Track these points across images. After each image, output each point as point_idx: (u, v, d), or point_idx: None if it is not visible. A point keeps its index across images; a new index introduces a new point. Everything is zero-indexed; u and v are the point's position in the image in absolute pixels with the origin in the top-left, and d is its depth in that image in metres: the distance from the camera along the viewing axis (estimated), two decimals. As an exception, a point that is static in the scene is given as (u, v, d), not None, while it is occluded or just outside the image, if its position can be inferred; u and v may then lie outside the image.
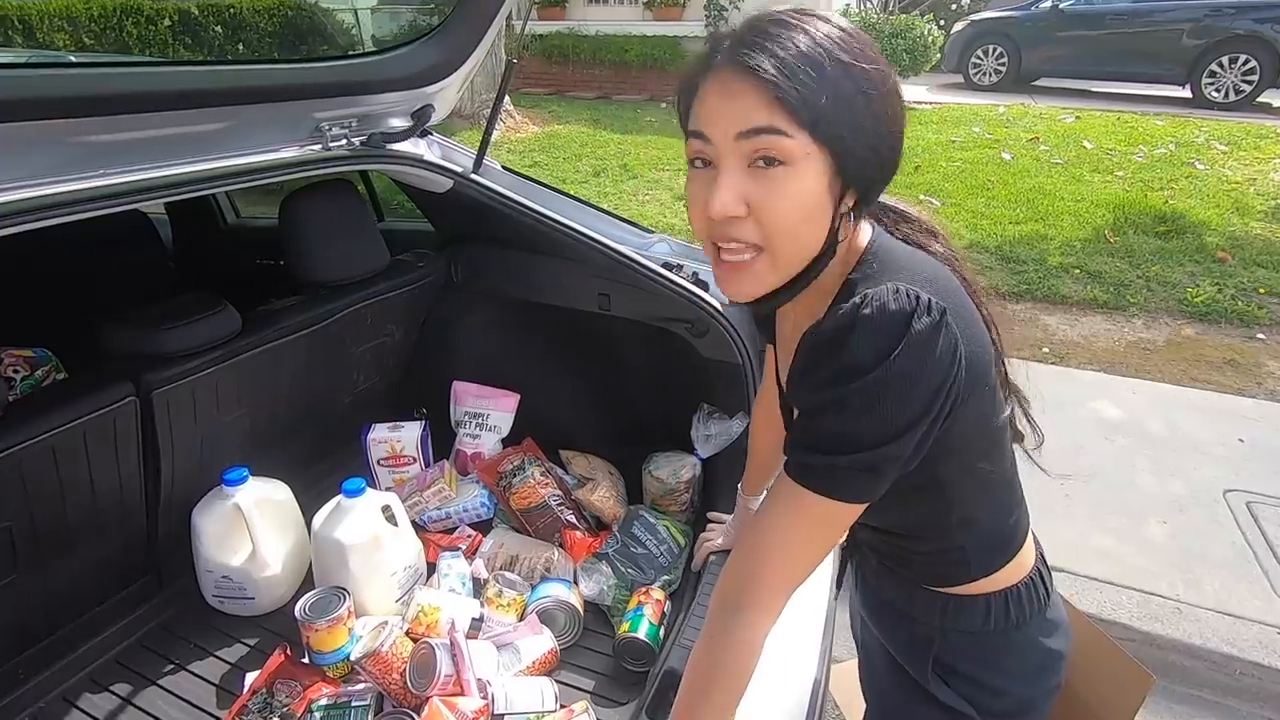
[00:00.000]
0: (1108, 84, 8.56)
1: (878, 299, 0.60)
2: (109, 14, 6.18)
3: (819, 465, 0.63)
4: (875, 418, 0.60)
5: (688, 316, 1.44)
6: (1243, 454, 2.61)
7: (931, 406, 0.61)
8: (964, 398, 0.63)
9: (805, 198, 0.61)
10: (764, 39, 0.60)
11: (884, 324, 0.59)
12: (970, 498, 0.75)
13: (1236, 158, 5.66)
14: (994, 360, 0.70)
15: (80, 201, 0.95)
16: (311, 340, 1.42)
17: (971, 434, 0.69)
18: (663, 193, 5.42)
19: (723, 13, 8.79)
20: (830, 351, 0.61)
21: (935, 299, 0.61)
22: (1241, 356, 3.27)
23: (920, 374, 0.59)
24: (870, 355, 0.59)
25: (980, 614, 0.79)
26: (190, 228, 2.30)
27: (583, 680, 1.21)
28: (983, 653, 0.81)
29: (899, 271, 0.65)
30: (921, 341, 0.59)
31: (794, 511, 0.66)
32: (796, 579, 0.68)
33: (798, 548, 0.66)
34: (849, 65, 0.60)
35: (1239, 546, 2.17)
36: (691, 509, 1.53)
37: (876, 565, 0.88)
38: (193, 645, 1.29)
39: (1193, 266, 4.00)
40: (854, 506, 0.65)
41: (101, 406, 1.11)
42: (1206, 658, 1.90)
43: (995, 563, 0.79)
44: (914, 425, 0.61)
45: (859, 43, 0.62)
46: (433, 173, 1.47)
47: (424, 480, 1.56)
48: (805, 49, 0.59)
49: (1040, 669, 0.82)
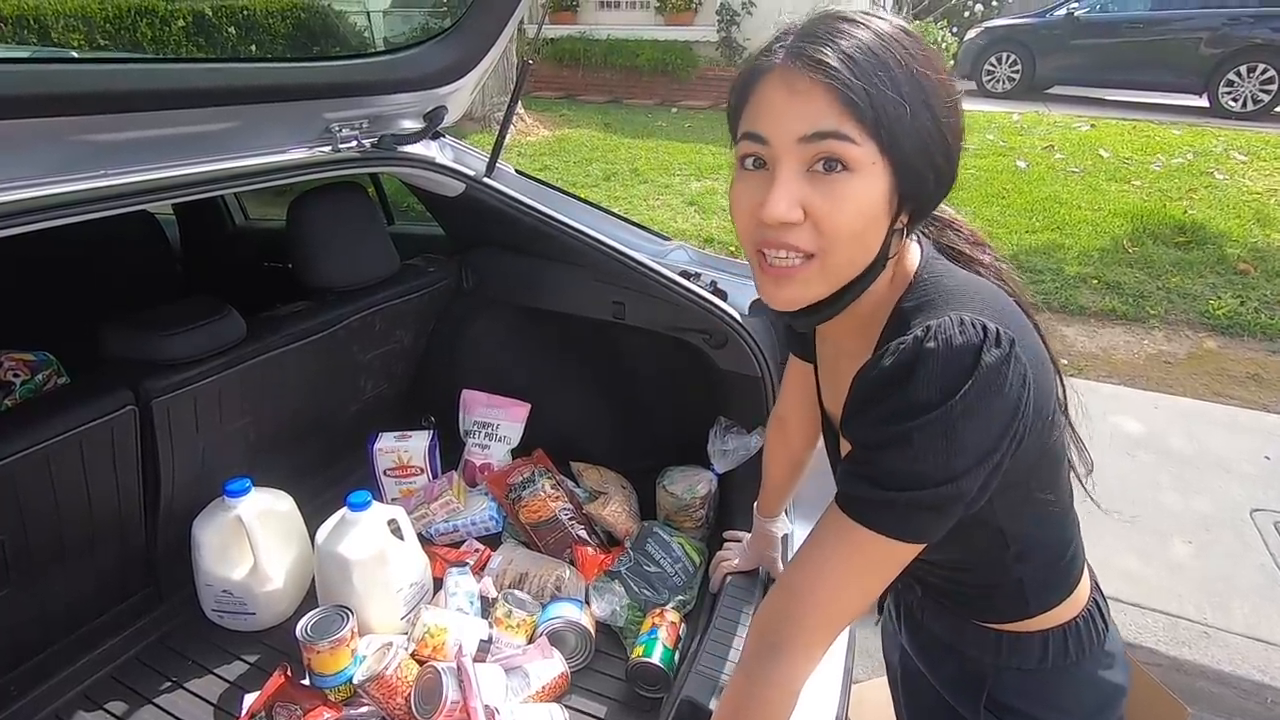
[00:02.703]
0: (1123, 92, 8.48)
1: (944, 331, 0.56)
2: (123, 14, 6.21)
3: (877, 500, 0.59)
4: (942, 455, 0.56)
5: (705, 327, 1.40)
6: (1270, 472, 2.55)
7: (1001, 442, 0.57)
8: (1031, 428, 0.59)
9: (866, 207, 0.57)
10: (834, 36, 0.56)
11: (951, 358, 0.55)
12: (1029, 530, 0.70)
13: (1256, 168, 5.58)
14: (1055, 383, 0.66)
15: (84, 202, 0.92)
16: (318, 347, 1.38)
17: (1034, 464, 0.64)
18: (673, 197, 5.38)
19: (734, 18, 8.76)
20: (894, 386, 0.57)
21: (1003, 329, 0.56)
22: (1266, 371, 3.20)
23: (990, 409, 0.56)
24: (938, 391, 0.55)
25: (1037, 651, 0.74)
26: (197, 229, 2.26)
27: (594, 706, 1.16)
28: (1040, 691, 0.76)
29: (958, 298, 0.61)
30: (991, 375, 0.55)
31: (846, 547, 0.61)
32: (843, 621, 0.63)
33: (847, 587, 0.62)
34: (919, 74, 0.57)
35: (1268, 569, 2.11)
36: (707, 526, 1.48)
37: (923, 596, 0.83)
38: (191, 662, 1.25)
39: (1214, 278, 3.93)
40: (912, 546, 0.60)
41: (99, 415, 1.07)
42: (1237, 685, 1.83)
43: (1054, 598, 0.74)
44: (982, 462, 0.56)
45: (926, 51, 0.58)
46: (445, 176, 1.43)
47: (431, 492, 1.52)
48: (878, 51, 0.56)
49: (1100, 706, 0.77)
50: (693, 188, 5.58)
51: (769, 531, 1.19)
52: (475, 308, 1.72)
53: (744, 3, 8.68)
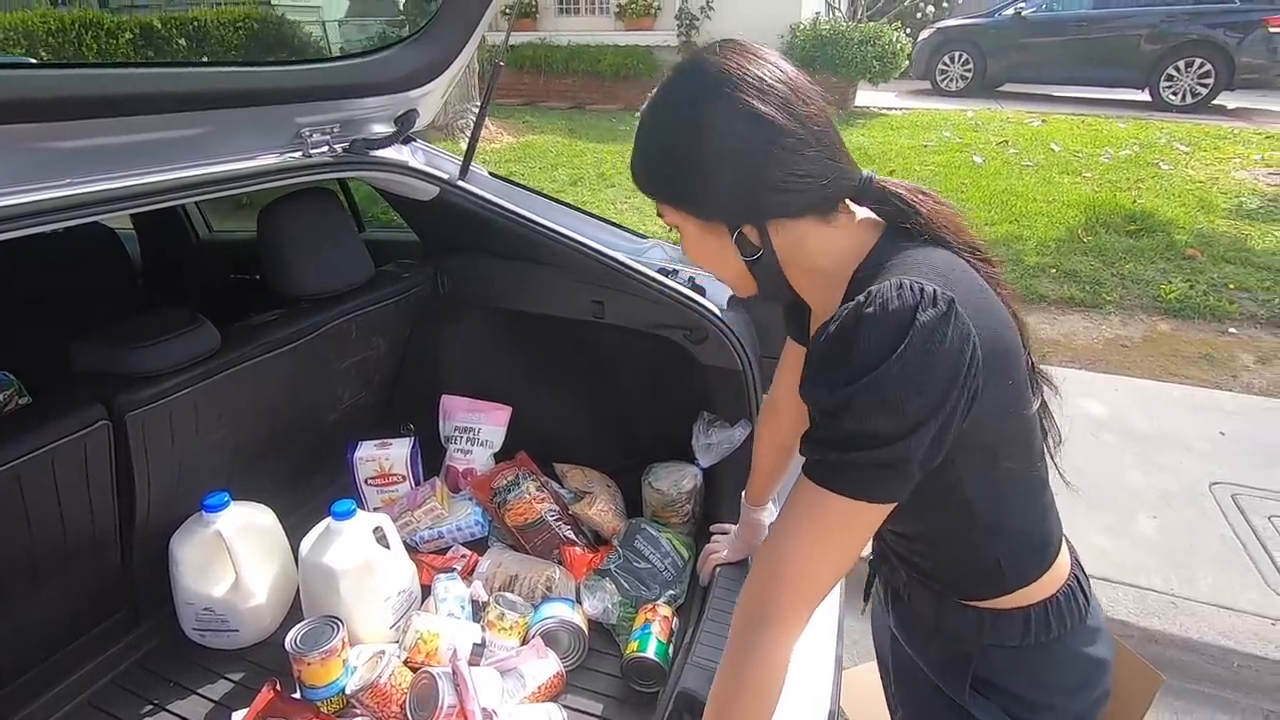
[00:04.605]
0: (1071, 89, 8.77)
1: (881, 295, 0.60)
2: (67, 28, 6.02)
3: (834, 463, 0.62)
4: (888, 413, 0.59)
5: (685, 323, 1.41)
6: (1225, 447, 2.65)
7: (946, 399, 0.59)
8: (982, 390, 0.62)
9: (699, 245, 0.75)
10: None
11: (888, 319, 0.59)
12: (997, 500, 0.72)
13: (1198, 157, 5.82)
14: (1019, 352, 0.68)
15: (43, 212, 0.89)
16: (294, 356, 1.35)
17: (992, 430, 0.67)
18: (641, 200, 5.39)
19: (694, 22, 8.84)
20: (838, 350, 0.61)
21: (941, 290, 0.59)
22: (1216, 350, 3.33)
23: (930, 366, 0.59)
24: (877, 351, 0.59)
25: (1019, 628, 0.76)
26: (159, 243, 2.21)
27: (591, 704, 1.16)
28: (1024, 667, 0.77)
29: (904, 266, 0.64)
30: (928, 333, 0.58)
31: (813, 513, 0.63)
32: (819, 587, 0.65)
33: (819, 552, 0.64)
34: (656, 124, 0.71)
35: (1228, 539, 2.19)
36: (694, 520, 1.49)
37: (906, 578, 0.85)
38: (172, 683, 1.21)
39: (1164, 263, 4.08)
40: (875, 507, 0.63)
41: (71, 431, 1.03)
42: (1204, 651, 1.90)
43: (1032, 572, 0.76)
44: (929, 419, 0.59)
45: (674, 83, 0.70)
46: (418, 180, 1.42)
47: (414, 499, 1.50)
48: (640, 129, 0.72)
49: (1084, 681, 0.79)
50: (660, 190, 5.61)
51: (757, 520, 1.20)
52: (452, 312, 1.71)
53: (703, 7, 8.77)
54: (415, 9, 1.38)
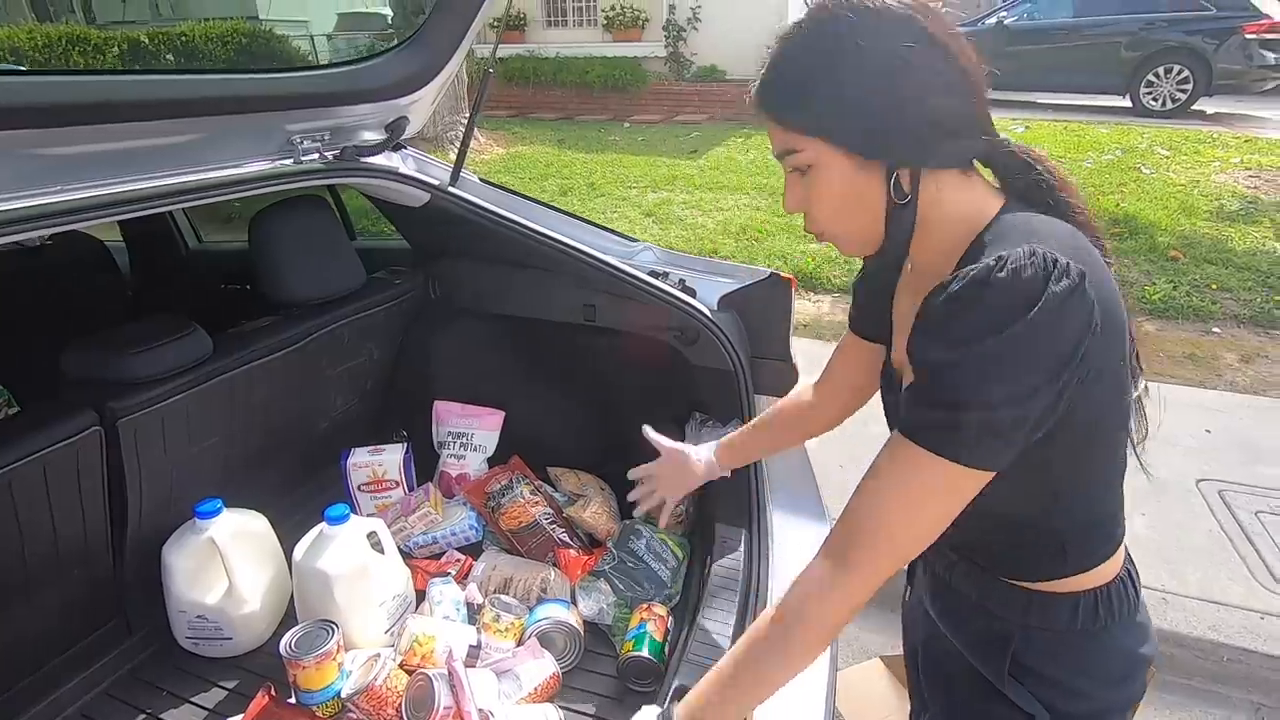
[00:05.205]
0: (1053, 95, 8.89)
1: (1015, 261, 0.58)
2: (54, 43, 6.01)
3: (944, 423, 0.60)
4: (1004, 377, 0.58)
5: (676, 324, 1.42)
6: (1211, 444, 2.68)
7: (1063, 371, 0.58)
8: (1097, 368, 0.61)
9: (837, 190, 0.68)
10: (766, 64, 0.68)
11: (1020, 285, 0.57)
12: (1083, 483, 0.70)
13: (1178, 161, 5.90)
14: (1126, 335, 0.66)
15: (35, 218, 0.89)
16: (287, 362, 1.35)
17: (1097, 411, 0.65)
18: (631, 209, 5.43)
19: (681, 33, 8.93)
20: (963, 307, 0.59)
21: (1074, 263, 0.58)
22: (1200, 350, 3.37)
23: (1054, 337, 0.57)
24: (1005, 315, 0.57)
25: (1066, 614, 0.73)
26: (149, 254, 2.20)
27: (587, 705, 1.16)
28: (1066, 655, 0.75)
29: (1035, 234, 0.62)
30: (1058, 304, 0.57)
31: (914, 475, 0.62)
32: (912, 548, 0.65)
33: (916, 515, 0.63)
34: (819, 49, 0.65)
35: (1216, 534, 2.22)
36: (687, 521, 1.49)
37: (955, 560, 0.82)
38: (166, 693, 1.21)
39: (1148, 265, 4.13)
40: (974, 474, 0.61)
41: (63, 438, 1.03)
42: (1194, 646, 1.92)
43: (1090, 560, 0.73)
44: (1043, 389, 0.58)
45: (832, 9, 0.65)
46: (409, 186, 1.43)
47: (408, 505, 1.50)
48: (786, 57, 0.67)
49: (1124, 676, 0.76)
50: (649, 199, 5.64)
51: (692, 455, 1.17)
52: (444, 318, 1.72)
53: (690, 18, 8.85)
54: (403, 20, 1.39)
